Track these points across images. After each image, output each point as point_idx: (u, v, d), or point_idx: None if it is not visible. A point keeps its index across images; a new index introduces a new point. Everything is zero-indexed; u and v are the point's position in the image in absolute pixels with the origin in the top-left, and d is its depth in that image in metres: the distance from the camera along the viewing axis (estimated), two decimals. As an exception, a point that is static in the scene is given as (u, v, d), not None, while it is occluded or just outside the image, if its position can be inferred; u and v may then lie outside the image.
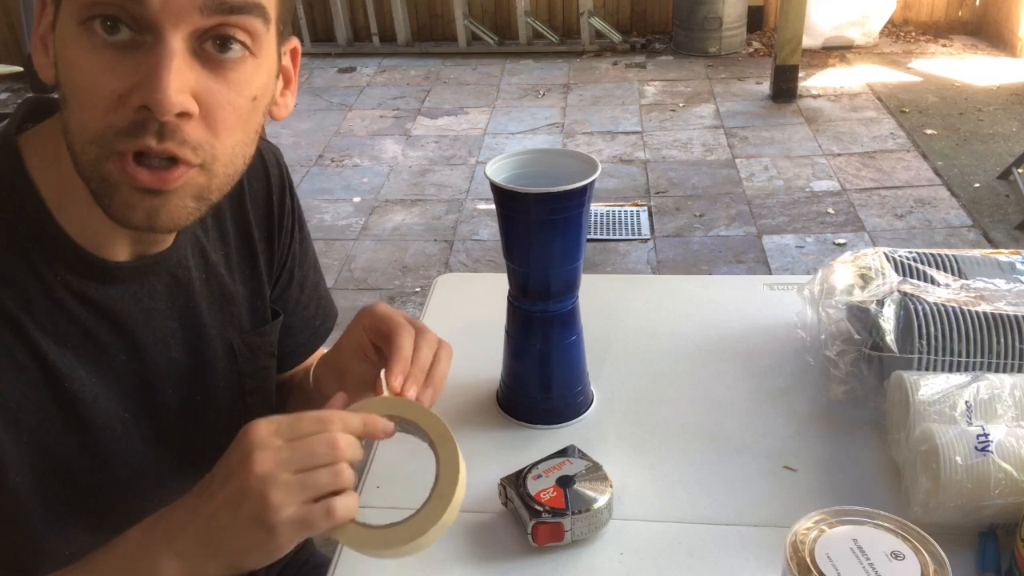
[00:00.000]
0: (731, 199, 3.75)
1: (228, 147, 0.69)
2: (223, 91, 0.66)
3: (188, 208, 0.69)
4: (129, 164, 0.65)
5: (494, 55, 5.72)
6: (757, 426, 1.04)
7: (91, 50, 0.63)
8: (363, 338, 0.86)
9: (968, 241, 3.36)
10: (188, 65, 0.64)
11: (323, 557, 1.16)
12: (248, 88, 0.68)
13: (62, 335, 0.73)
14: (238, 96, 0.68)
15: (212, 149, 0.67)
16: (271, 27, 0.69)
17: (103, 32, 0.63)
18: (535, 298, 1.01)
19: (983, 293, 1.02)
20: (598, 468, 0.92)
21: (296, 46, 0.78)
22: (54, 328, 0.72)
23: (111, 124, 0.64)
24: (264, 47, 0.69)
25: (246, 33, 0.66)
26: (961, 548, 0.83)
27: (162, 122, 0.63)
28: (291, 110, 0.78)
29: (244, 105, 0.68)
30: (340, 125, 4.73)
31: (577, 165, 0.97)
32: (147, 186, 0.66)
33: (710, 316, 1.26)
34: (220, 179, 0.70)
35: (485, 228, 3.59)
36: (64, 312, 0.73)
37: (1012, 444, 0.82)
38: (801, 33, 4.56)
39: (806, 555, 0.70)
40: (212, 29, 0.64)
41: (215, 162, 0.68)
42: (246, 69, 0.67)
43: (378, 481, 0.98)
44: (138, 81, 0.63)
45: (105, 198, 0.67)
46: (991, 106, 4.61)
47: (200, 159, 0.67)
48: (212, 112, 0.66)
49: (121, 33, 0.63)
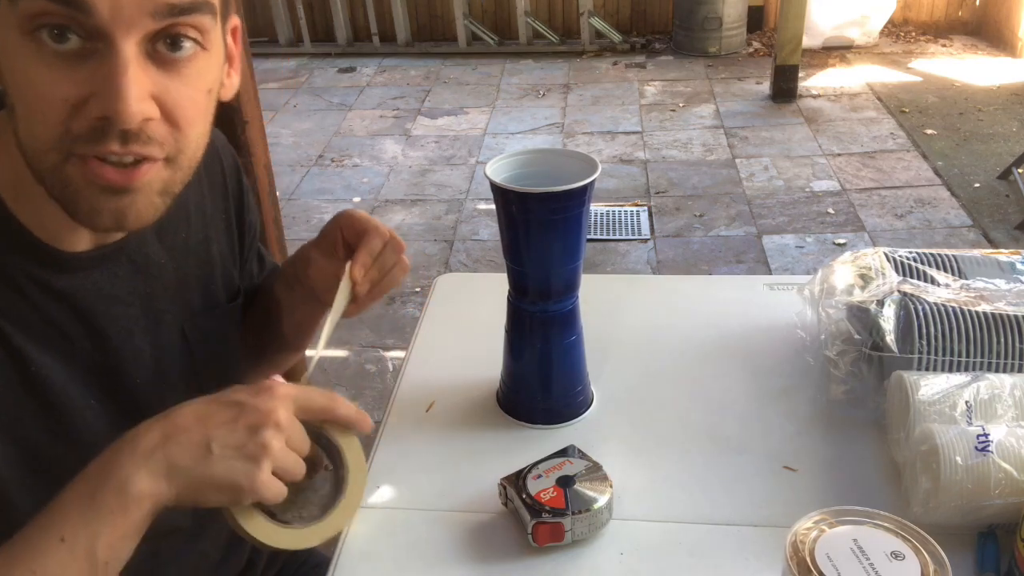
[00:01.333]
0: (731, 199, 3.75)
1: (191, 140, 0.69)
2: (180, 88, 0.67)
3: (155, 204, 0.69)
4: (93, 163, 0.65)
5: (494, 55, 5.72)
6: (757, 426, 1.04)
7: (39, 59, 0.62)
8: (337, 235, 0.91)
9: (968, 241, 3.36)
10: (143, 69, 0.63)
11: (323, 557, 1.16)
12: (203, 81, 0.69)
13: (26, 323, 0.73)
14: (195, 91, 0.68)
15: (177, 143, 0.68)
16: (217, 18, 0.69)
17: (51, 41, 0.61)
18: (535, 298, 1.01)
19: (983, 293, 1.02)
20: (598, 468, 0.91)
21: (236, 24, 0.77)
22: (18, 316, 0.72)
23: (68, 132, 0.63)
24: (213, 39, 0.69)
25: (196, 30, 0.66)
26: (961, 548, 0.83)
27: (124, 130, 0.63)
28: (236, 88, 0.79)
29: (201, 99, 0.69)
30: (340, 125, 4.73)
31: (577, 165, 0.97)
32: (113, 184, 0.66)
33: (710, 316, 1.26)
34: (184, 172, 0.71)
35: (485, 228, 3.59)
36: (27, 301, 0.73)
37: (1012, 444, 0.82)
38: (801, 33, 4.56)
39: (806, 555, 0.70)
40: (163, 30, 0.64)
41: (180, 155, 0.69)
42: (199, 64, 0.68)
43: (378, 481, 0.98)
44: (93, 90, 0.62)
45: (69, 203, 0.67)
46: (991, 106, 4.61)
47: (165, 152, 0.67)
48: (173, 111, 0.66)
49: (70, 42, 0.61)
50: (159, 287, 0.85)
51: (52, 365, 0.75)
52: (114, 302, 0.80)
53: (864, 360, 1.02)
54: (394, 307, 3.09)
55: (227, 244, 0.96)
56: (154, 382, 0.84)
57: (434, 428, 1.06)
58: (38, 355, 0.74)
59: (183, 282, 0.89)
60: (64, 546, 0.63)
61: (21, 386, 0.73)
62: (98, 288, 0.79)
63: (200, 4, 0.65)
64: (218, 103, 0.74)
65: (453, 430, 1.06)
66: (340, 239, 0.91)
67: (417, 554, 0.89)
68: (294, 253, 1.01)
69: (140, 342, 0.83)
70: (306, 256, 0.95)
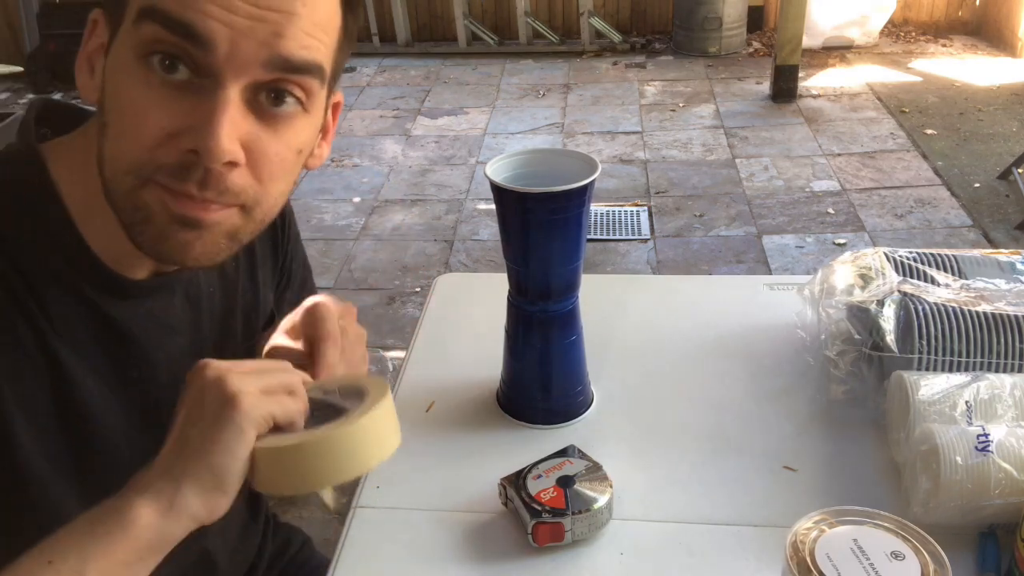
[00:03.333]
0: (731, 199, 3.75)
1: (271, 195, 0.70)
2: (272, 143, 0.67)
3: (220, 245, 0.69)
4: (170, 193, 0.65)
5: (494, 55, 5.72)
6: (757, 426, 1.04)
7: (146, 85, 0.63)
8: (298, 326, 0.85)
9: (968, 241, 3.36)
10: (242, 115, 0.64)
11: (323, 558, 1.16)
12: (296, 141, 0.69)
13: (78, 345, 0.72)
14: (286, 148, 0.68)
15: (255, 195, 0.68)
16: (325, 86, 0.70)
17: (161, 70, 0.63)
18: (535, 298, 1.01)
19: (983, 293, 1.02)
20: (598, 468, 0.92)
21: (340, 100, 0.79)
22: (71, 337, 0.72)
23: (154, 159, 0.64)
24: (316, 104, 0.70)
25: (302, 90, 0.67)
26: (961, 548, 0.84)
27: (208, 168, 0.63)
28: (324, 160, 0.79)
29: (290, 157, 0.69)
30: (340, 125, 4.71)
31: (577, 165, 0.97)
32: (186, 215, 0.66)
33: (710, 316, 1.26)
34: (256, 224, 0.71)
35: (485, 228, 3.59)
36: (81, 323, 0.72)
37: (1012, 444, 0.82)
38: (801, 33, 4.56)
39: (806, 555, 0.70)
40: (270, 83, 0.65)
41: (256, 207, 0.69)
42: (297, 124, 0.68)
43: (378, 481, 0.98)
44: (191, 124, 0.63)
45: (137, 227, 0.67)
46: (991, 106, 4.61)
47: (241, 201, 0.67)
48: (258, 162, 0.67)
49: (179, 73, 0.63)
50: (208, 317, 0.85)
51: (95, 389, 0.74)
52: (166, 331, 0.80)
53: (864, 360, 1.02)
54: (394, 307, 3.09)
55: (270, 271, 0.95)
56: None
57: (434, 428, 1.06)
58: (83, 377, 0.72)
59: (229, 311, 0.88)
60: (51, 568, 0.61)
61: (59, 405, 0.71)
62: (152, 316, 0.78)
63: (313, 67, 0.66)
64: None
65: (453, 430, 1.06)
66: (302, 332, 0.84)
67: (417, 554, 0.89)
68: None
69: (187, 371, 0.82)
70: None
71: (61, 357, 0.71)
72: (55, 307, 0.71)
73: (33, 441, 0.70)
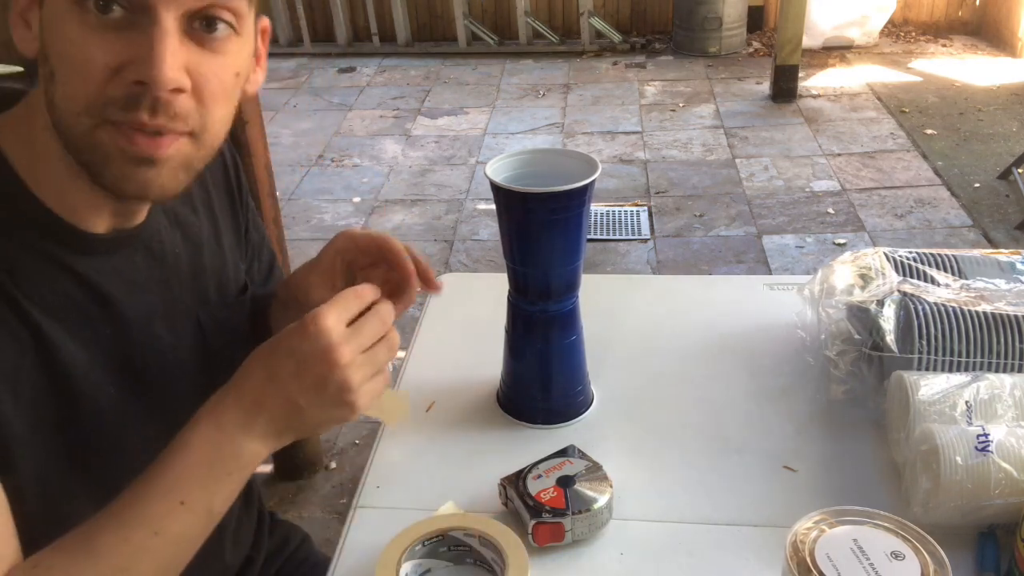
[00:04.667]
0: (731, 199, 3.75)
1: (216, 119, 0.73)
2: (212, 67, 0.70)
3: (179, 178, 0.73)
4: (124, 131, 0.68)
5: (494, 55, 5.72)
6: (757, 426, 1.04)
7: (84, 26, 0.66)
8: (335, 263, 0.90)
9: (968, 241, 3.36)
10: (180, 43, 0.67)
11: (322, 555, 1.16)
12: (233, 64, 0.72)
13: (51, 307, 0.74)
14: (225, 71, 0.72)
15: (202, 119, 0.71)
16: (252, 7, 0.73)
17: (96, 11, 0.65)
18: (535, 298, 1.01)
19: (983, 293, 1.02)
20: (598, 468, 0.92)
21: (266, 25, 0.82)
22: (42, 300, 0.74)
23: (104, 94, 0.67)
24: (246, 26, 0.73)
25: (231, 13, 0.70)
26: (961, 548, 0.84)
27: (156, 96, 0.67)
28: (260, 85, 0.83)
29: (229, 80, 0.73)
30: (340, 125, 4.73)
31: (577, 165, 0.97)
32: (142, 152, 0.69)
33: (710, 316, 1.26)
34: (206, 150, 0.74)
35: (485, 228, 3.59)
36: (50, 284, 0.74)
37: (1012, 444, 0.82)
38: (801, 33, 4.56)
39: (806, 555, 0.70)
40: (201, 10, 0.68)
41: (204, 132, 0.72)
42: (231, 46, 0.72)
43: (378, 481, 0.98)
44: (132, 57, 0.66)
45: (97, 167, 0.70)
46: (991, 106, 4.61)
47: (190, 127, 0.71)
48: (202, 86, 0.70)
49: (114, 12, 0.66)
50: (175, 276, 0.87)
51: (75, 351, 0.76)
52: (134, 288, 0.82)
53: (864, 360, 1.02)
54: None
55: (234, 238, 0.98)
56: (166, 370, 0.85)
57: (434, 428, 1.06)
58: (62, 339, 0.75)
59: (198, 273, 0.90)
60: (184, 508, 0.70)
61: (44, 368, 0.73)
62: (118, 272, 0.80)
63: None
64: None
65: (453, 430, 1.06)
66: (338, 269, 0.91)
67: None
68: (290, 276, 1.00)
69: (159, 330, 0.84)
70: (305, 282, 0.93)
71: (36, 320, 0.73)
72: (23, 273, 0.73)
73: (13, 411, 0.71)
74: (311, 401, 0.71)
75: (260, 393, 0.71)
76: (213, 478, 0.71)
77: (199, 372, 0.88)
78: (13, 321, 0.71)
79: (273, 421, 0.71)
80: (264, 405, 0.71)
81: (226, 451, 0.71)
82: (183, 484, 0.70)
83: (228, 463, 0.71)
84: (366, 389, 0.72)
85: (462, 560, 0.85)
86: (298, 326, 0.71)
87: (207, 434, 0.71)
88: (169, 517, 0.70)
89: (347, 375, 0.70)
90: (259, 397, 0.71)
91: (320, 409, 0.71)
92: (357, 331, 0.71)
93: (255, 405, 0.71)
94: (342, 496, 2.24)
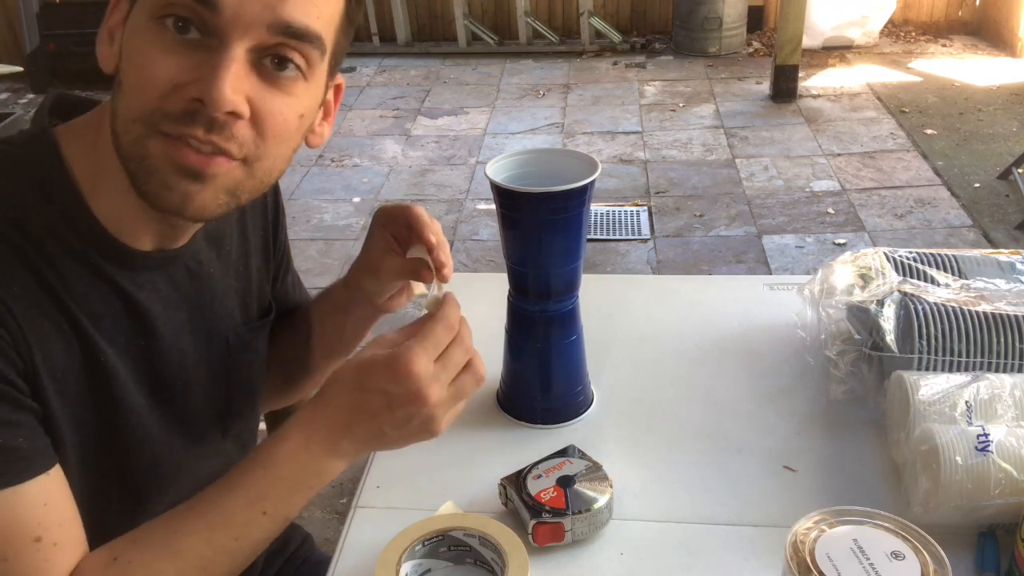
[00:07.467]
0: (731, 199, 3.75)
1: (273, 153, 0.73)
2: (276, 102, 0.71)
3: (220, 200, 0.73)
4: (174, 143, 0.69)
5: (494, 55, 5.72)
6: (757, 426, 1.04)
7: (159, 43, 0.68)
8: (385, 234, 0.93)
9: (968, 241, 3.36)
10: (246, 73, 0.69)
11: (323, 554, 1.16)
12: (297, 106, 0.73)
13: (95, 316, 0.76)
14: (289, 110, 0.72)
15: (257, 149, 0.72)
16: (326, 59, 0.74)
17: (174, 30, 0.67)
18: (535, 298, 1.01)
19: (983, 293, 1.02)
20: (598, 468, 0.91)
21: (341, 83, 0.83)
22: (89, 309, 0.75)
23: (160, 107, 0.68)
24: (316, 74, 0.74)
25: (303, 58, 0.71)
26: (961, 548, 0.84)
27: (212, 116, 0.67)
28: (326, 139, 0.83)
29: (292, 120, 0.73)
30: (340, 125, 4.73)
31: (577, 165, 0.97)
32: (190, 165, 0.69)
33: (710, 316, 1.26)
34: (255, 182, 0.74)
35: (485, 228, 3.59)
36: (96, 294, 0.76)
37: (1012, 444, 0.82)
38: (801, 33, 4.56)
39: (806, 555, 0.70)
40: (273, 47, 0.69)
41: (257, 162, 0.73)
42: (298, 89, 0.72)
43: (378, 481, 0.98)
44: (196, 76, 0.67)
45: (142, 176, 0.70)
46: (991, 106, 4.61)
47: (244, 154, 0.71)
48: (263, 118, 0.71)
49: (190, 34, 0.67)
50: (208, 295, 0.88)
51: (115, 359, 0.78)
52: (169, 305, 0.83)
53: (864, 360, 1.02)
54: (394, 307, 3.09)
55: (262, 260, 0.98)
56: (188, 384, 0.87)
57: (434, 428, 1.06)
58: (106, 347, 0.77)
59: (227, 293, 0.91)
60: (266, 518, 0.75)
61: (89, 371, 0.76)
62: (156, 289, 0.82)
63: (313, 36, 0.70)
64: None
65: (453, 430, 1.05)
66: (390, 237, 0.93)
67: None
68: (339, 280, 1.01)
69: (186, 345, 0.86)
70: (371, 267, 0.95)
71: (84, 325, 0.75)
72: (73, 280, 0.74)
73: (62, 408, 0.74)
74: (397, 431, 0.75)
75: (349, 420, 0.75)
76: (296, 492, 0.76)
77: (217, 388, 0.90)
78: (65, 325, 0.74)
79: (357, 443, 0.76)
80: (352, 431, 0.75)
81: (311, 469, 0.75)
82: (268, 496, 0.75)
83: (311, 479, 0.76)
84: (449, 417, 0.76)
85: (462, 560, 0.85)
86: (388, 365, 0.73)
87: (294, 452, 0.75)
88: (252, 525, 0.75)
89: (435, 412, 0.74)
90: (348, 423, 0.75)
91: (404, 437, 0.76)
92: (444, 365, 0.75)
93: (344, 430, 0.75)
94: (342, 496, 2.23)
